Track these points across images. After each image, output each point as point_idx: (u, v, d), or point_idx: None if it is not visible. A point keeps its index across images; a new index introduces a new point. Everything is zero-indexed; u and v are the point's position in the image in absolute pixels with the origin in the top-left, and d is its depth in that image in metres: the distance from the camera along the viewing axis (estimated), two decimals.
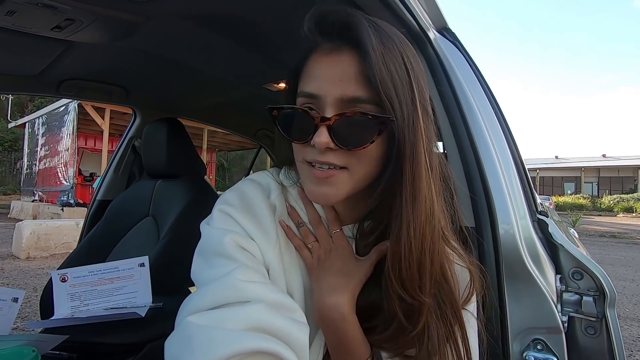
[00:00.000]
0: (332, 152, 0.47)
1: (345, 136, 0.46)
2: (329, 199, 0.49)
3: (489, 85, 0.91)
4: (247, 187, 0.56)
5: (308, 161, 0.49)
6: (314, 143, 0.46)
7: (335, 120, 0.45)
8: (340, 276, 0.52)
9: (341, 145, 0.46)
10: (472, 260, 0.54)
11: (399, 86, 0.45)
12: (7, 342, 0.85)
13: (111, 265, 1.15)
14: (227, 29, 1.08)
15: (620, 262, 6.92)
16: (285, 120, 0.50)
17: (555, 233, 0.72)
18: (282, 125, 0.50)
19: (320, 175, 0.48)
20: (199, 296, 0.43)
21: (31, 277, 4.40)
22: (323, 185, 0.48)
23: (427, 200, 0.47)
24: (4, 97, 16.12)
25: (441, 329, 0.48)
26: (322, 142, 0.45)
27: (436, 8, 0.85)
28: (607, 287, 0.64)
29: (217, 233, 0.50)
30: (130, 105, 1.86)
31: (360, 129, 0.45)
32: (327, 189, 0.48)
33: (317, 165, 0.48)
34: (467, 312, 0.53)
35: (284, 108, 0.49)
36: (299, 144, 0.50)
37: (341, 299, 0.50)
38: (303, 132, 0.48)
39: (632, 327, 3.47)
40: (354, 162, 0.47)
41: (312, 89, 0.47)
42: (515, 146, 0.87)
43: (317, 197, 0.50)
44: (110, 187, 1.86)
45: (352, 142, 0.46)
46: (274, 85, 1.53)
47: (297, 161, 0.52)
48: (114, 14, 0.98)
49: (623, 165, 26.95)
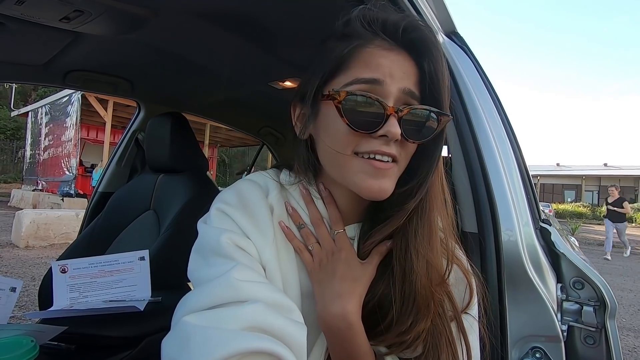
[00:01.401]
0: (395, 144, 0.48)
1: (412, 129, 0.48)
2: (387, 191, 0.49)
3: (495, 91, 0.91)
4: (245, 187, 0.56)
5: (362, 153, 0.48)
6: (387, 133, 0.46)
7: (407, 112, 0.47)
8: (344, 281, 0.50)
9: (408, 138, 0.48)
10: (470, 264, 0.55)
11: (446, 89, 0.49)
12: (6, 332, 0.86)
13: (111, 258, 1.15)
14: (235, 25, 1.08)
15: (618, 271, 6.91)
16: (354, 107, 0.47)
17: (557, 241, 0.72)
18: (349, 112, 0.47)
19: (383, 167, 0.48)
20: (196, 296, 0.43)
21: (30, 266, 4.41)
22: (382, 177, 0.48)
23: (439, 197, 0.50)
24: (8, 86, 16.13)
25: (445, 328, 0.49)
26: (395, 133, 0.46)
27: (445, 12, 0.85)
28: (608, 297, 0.64)
29: (214, 232, 0.50)
30: (135, 99, 1.86)
31: (425, 124, 0.48)
32: (385, 182, 0.49)
33: (377, 157, 0.48)
34: (469, 315, 0.53)
35: (355, 94, 0.47)
36: (353, 134, 0.48)
37: (348, 306, 0.49)
38: (373, 121, 0.47)
39: (628, 337, 3.47)
40: (402, 155, 0.50)
41: (377, 75, 0.47)
42: (520, 153, 0.87)
43: (375, 192, 0.48)
44: (112, 180, 1.86)
45: (417, 135, 0.49)
46: (279, 83, 1.53)
47: (342, 156, 0.49)
48: (123, 7, 0.98)
49: (624, 174, 26.92)
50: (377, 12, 0.50)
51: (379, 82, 0.47)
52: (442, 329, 0.49)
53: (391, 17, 0.49)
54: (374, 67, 0.47)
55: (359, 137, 0.48)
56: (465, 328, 0.51)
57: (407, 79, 0.48)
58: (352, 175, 0.49)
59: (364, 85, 0.47)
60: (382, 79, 0.47)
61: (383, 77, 0.47)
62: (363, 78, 0.47)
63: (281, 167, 0.61)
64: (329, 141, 0.51)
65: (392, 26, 0.48)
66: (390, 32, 0.49)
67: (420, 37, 0.48)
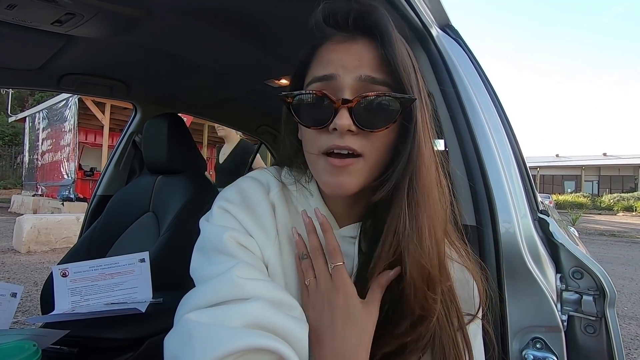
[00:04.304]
0: (351, 136, 0.46)
1: (366, 118, 0.46)
2: (347, 188, 0.48)
3: (491, 83, 0.91)
4: (247, 184, 0.56)
5: (323, 152, 0.48)
6: (336, 125, 0.45)
7: (356, 101, 0.45)
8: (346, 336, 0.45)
9: (363, 127, 0.46)
10: (473, 260, 0.53)
11: (411, 72, 0.47)
12: (8, 337, 0.86)
13: (112, 261, 1.15)
14: (229, 24, 1.08)
15: (619, 260, 6.93)
16: (302, 107, 0.48)
17: (556, 232, 0.72)
18: (298, 112, 0.49)
19: (338, 164, 0.47)
20: (198, 293, 0.43)
21: (32, 271, 4.41)
22: (340, 174, 0.47)
23: (436, 188, 0.47)
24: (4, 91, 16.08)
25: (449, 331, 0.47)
26: (344, 124, 0.45)
27: (439, 4, 0.84)
28: (607, 286, 0.64)
29: (217, 230, 0.50)
30: (131, 101, 1.86)
31: (382, 110, 0.46)
32: (344, 178, 0.47)
33: (335, 151, 0.47)
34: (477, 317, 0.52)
35: (301, 93, 0.48)
36: (314, 132, 0.48)
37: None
38: (322, 116, 0.47)
39: (630, 325, 3.48)
40: (369, 148, 0.47)
41: (329, 71, 0.47)
42: (517, 144, 0.87)
43: (334, 188, 0.48)
44: (111, 183, 1.86)
45: (374, 123, 0.46)
46: (275, 82, 1.53)
47: (311, 155, 0.50)
48: (115, 9, 0.98)
49: (623, 164, 26.93)
50: (332, 6, 0.49)
51: (332, 77, 0.47)
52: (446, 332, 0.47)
53: (342, 8, 0.48)
54: (325, 64, 0.48)
55: (317, 135, 0.48)
56: (472, 332, 0.50)
57: (366, 66, 0.47)
58: (317, 174, 0.51)
59: (319, 83, 0.48)
60: (334, 72, 0.47)
61: (335, 71, 0.47)
62: (317, 76, 0.48)
63: (282, 165, 0.61)
64: (303, 143, 0.52)
65: (343, 18, 0.48)
66: (343, 24, 0.49)
67: (372, 22, 0.47)
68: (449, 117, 0.76)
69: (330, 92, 0.47)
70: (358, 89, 0.46)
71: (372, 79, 0.46)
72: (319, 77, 0.48)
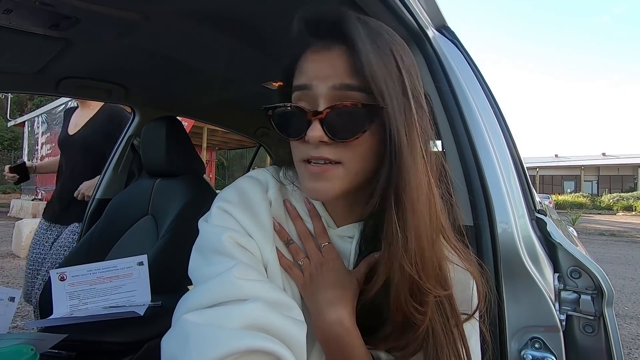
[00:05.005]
0: (326, 146, 0.46)
1: (337, 128, 0.45)
2: (325, 193, 0.48)
3: (487, 84, 0.91)
4: (246, 184, 0.56)
5: (304, 159, 0.49)
6: (308, 138, 0.46)
7: (327, 113, 0.45)
8: (336, 289, 0.50)
9: (334, 138, 0.45)
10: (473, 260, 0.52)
11: (387, 77, 0.45)
12: (6, 341, 0.85)
13: (110, 264, 1.15)
14: (227, 27, 1.08)
15: (619, 260, 6.93)
16: (281, 119, 0.50)
17: (553, 232, 0.72)
18: (278, 123, 0.50)
19: (316, 171, 0.47)
20: (196, 294, 0.43)
21: None
22: (319, 180, 0.48)
23: (425, 195, 0.45)
24: (3, 96, 16.09)
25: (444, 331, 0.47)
26: (315, 137, 0.45)
27: (435, 6, 0.84)
28: (605, 285, 0.64)
29: (215, 230, 0.50)
30: (130, 104, 1.86)
31: (351, 119, 0.45)
32: (322, 184, 0.48)
33: (312, 162, 0.48)
34: (472, 317, 0.52)
35: (278, 106, 0.50)
36: (295, 142, 0.50)
37: (342, 312, 0.49)
38: (298, 128, 0.47)
39: (631, 325, 3.48)
40: (348, 156, 0.47)
41: (303, 81, 0.48)
42: (513, 144, 0.87)
43: (313, 193, 0.49)
44: (110, 186, 1.86)
45: (345, 133, 0.45)
46: (273, 84, 1.53)
47: (295, 162, 0.52)
48: (112, 12, 0.98)
49: (623, 163, 26.94)
50: (306, 15, 0.49)
51: (308, 87, 0.47)
52: (442, 332, 0.47)
53: (316, 16, 0.48)
54: (303, 73, 0.48)
55: (298, 145, 0.49)
56: (467, 332, 0.50)
57: (340, 74, 0.45)
58: (300, 180, 0.52)
59: (298, 92, 0.48)
60: (310, 82, 0.47)
61: (310, 81, 0.47)
62: (297, 86, 0.49)
63: (281, 165, 0.61)
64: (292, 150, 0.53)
65: (317, 26, 0.48)
66: (321, 32, 0.48)
67: (344, 30, 0.46)
68: (445, 118, 0.77)
69: (308, 101, 0.47)
70: (333, 98, 0.46)
71: (346, 86, 0.45)
72: (297, 86, 0.49)
